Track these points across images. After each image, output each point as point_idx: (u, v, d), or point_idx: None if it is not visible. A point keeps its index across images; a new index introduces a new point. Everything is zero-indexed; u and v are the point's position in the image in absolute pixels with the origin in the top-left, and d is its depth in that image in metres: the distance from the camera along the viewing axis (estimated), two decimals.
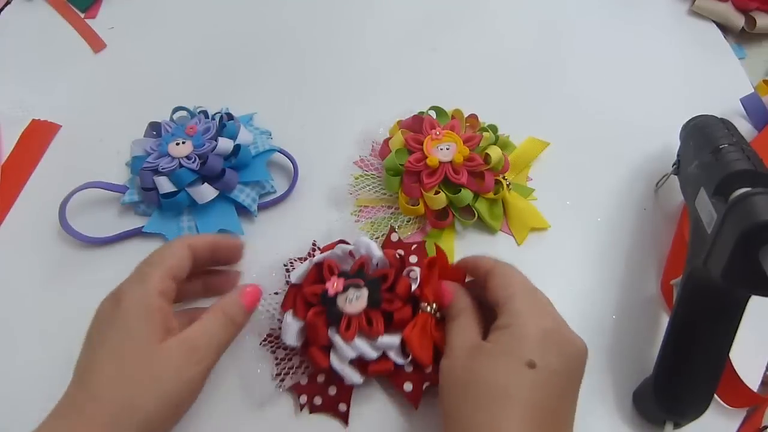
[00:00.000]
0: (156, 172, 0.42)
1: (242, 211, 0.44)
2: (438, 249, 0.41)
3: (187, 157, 0.42)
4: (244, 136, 0.44)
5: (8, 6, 0.59)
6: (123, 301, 0.31)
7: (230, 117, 0.46)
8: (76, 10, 0.58)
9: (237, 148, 0.43)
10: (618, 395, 0.37)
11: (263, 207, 0.44)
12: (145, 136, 0.46)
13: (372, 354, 0.34)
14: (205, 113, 0.46)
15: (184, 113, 0.47)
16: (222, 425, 0.36)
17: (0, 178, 0.47)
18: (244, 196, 0.43)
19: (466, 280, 0.39)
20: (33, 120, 0.49)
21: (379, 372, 0.35)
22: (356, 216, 0.44)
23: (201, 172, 0.42)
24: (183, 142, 0.43)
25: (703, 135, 0.37)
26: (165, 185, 0.42)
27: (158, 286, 0.32)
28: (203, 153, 0.42)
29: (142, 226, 0.43)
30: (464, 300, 0.35)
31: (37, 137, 0.49)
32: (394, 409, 0.36)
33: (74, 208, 0.43)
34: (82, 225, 0.43)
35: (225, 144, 0.43)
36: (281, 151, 0.46)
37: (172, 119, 0.46)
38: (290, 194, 0.45)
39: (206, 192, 0.41)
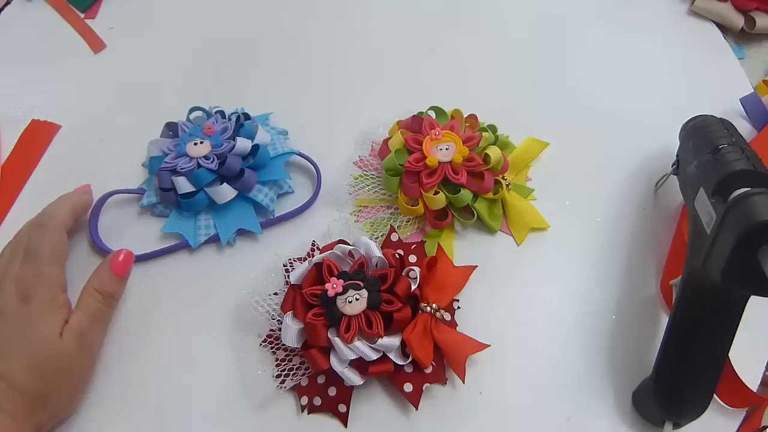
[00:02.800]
0: (174, 172, 0.42)
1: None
2: (439, 248, 0.41)
3: (206, 157, 0.42)
4: (262, 136, 0.44)
5: (8, 6, 0.59)
6: (33, 300, 0.35)
7: (247, 117, 0.46)
8: (76, 10, 0.58)
9: (255, 148, 0.43)
10: (617, 395, 0.37)
11: (289, 217, 0.44)
12: (161, 136, 0.46)
13: (372, 355, 0.34)
14: (221, 113, 0.46)
15: (199, 113, 0.47)
16: (223, 426, 0.36)
17: (0, 178, 0.47)
18: (263, 195, 0.43)
19: None
20: (33, 120, 0.49)
21: (379, 373, 0.35)
22: (356, 216, 0.44)
23: (220, 172, 0.42)
24: (201, 142, 0.43)
25: (702, 135, 0.37)
26: (183, 185, 0.41)
27: (61, 282, 0.37)
28: (222, 153, 0.42)
29: (173, 245, 0.42)
30: None
31: (37, 137, 0.49)
32: (394, 410, 0.36)
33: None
34: (102, 230, 0.43)
35: (243, 144, 0.43)
36: (300, 155, 0.46)
37: (188, 119, 0.46)
38: (314, 202, 0.44)
39: (225, 192, 0.41)
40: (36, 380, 0.33)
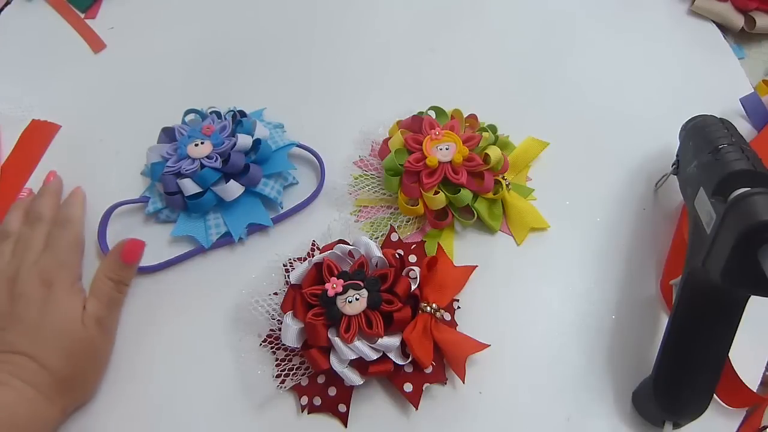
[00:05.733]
0: (178, 175, 0.42)
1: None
2: (439, 248, 0.41)
3: (208, 157, 0.42)
4: (261, 131, 0.44)
5: (8, 6, 0.59)
6: (55, 284, 0.36)
7: (243, 114, 0.46)
8: (76, 11, 0.58)
9: (257, 142, 0.43)
10: (617, 395, 0.37)
11: (299, 209, 0.44)
12: (158, 142, 0.46)
13: (372, 355, 0.34)
14: (217, 113, 0.46)
15: (193, 116, 0.47)
16: (223, 426, 0.36)
17: (0, 177, 0.47)
18: (269, 189, 0.43)
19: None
20: (33, 120, 0.49)
21: (379, 373, 0.35)
22: (356, 216, 0.44)
23: (224, 170, 0.42)
24: (202, 143, 0.43)
25: (702, 135, 0.37)
26: (190, 187, 0.41)
27: (79, 270, 0.39)
28: (224, 151, 0.42)
29: (186, 252, 0.42)
30: None
31: (37, 137, 0.49)
32: (394, 410, 0.36)
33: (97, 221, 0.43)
34: (109, 242, 0.42)
35: (244, 140, 0.43)
36: (300, 146, 0.46)
37: (184, 122, 0.46)
38: (320, 192, 0.45)
39: (233, 189, 0.42)
40: (64, 362, 0.34)
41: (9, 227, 0.41)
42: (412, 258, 0.39)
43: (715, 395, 0.35)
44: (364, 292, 0.35)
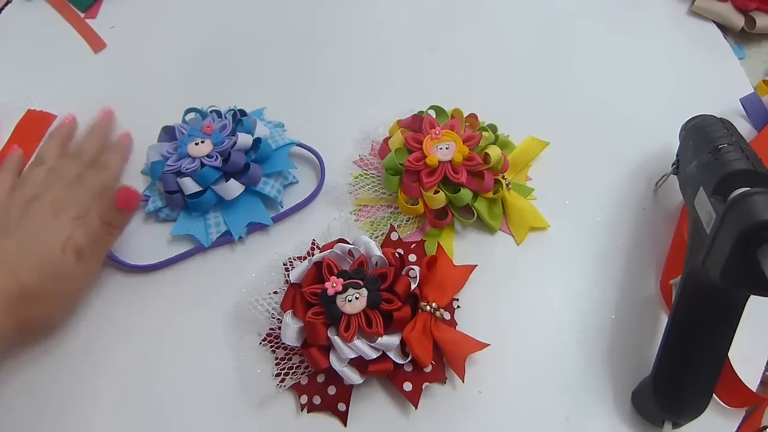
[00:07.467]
0: (179, 173, 0.42)
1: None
2: (439, 247, 0.41)
3: (208, 156, 0.42)
4: (261, 130, 0.44)
5: (8, 6, 0.59)
6: (61, 214, 0.38)
7: (243, 113, 0.46)
8: (76, 10, 0.58)
9: (257, 141, 0.43)
10: (617, 395, 0.37)
11: (298, 209, 0.44)
12: (159, 141, 0.46)
13: (371, 354, 0.34)
14: (217, 112, 0.46)
15: (194, 114, 0.47)
16: (222, 425, 0.36)
17: None
18: (269, 188, 0.43)
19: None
20: (29, 110, 0.50)
21: (378, 372, 0.35)
22: (356, 215, 0.44)
23: (225, 169, 0.42)
24: (202, 142, 0.43)
25: (702, 135, 0.37)
26: (190, 186, 0.42)
27: (95, 211, 0.39)
28: (224, 150, 0.42)
29: (186, 251, 0.42)
30: None
31: (34, 127, 0.49)
32: (394, 409, 0.36)
33: None
34: None
35: (244, 139, 0.43)
36: (301, 145, 0.46)
37: (184, 120, 0.46)
38: (320, 191, 0.45)
39: (233, 188, 0.42)
40: (36, 278, 0.35)
41: (45, 153, 0.43)
42: (412, 257, 0.39)
43: (714, 395, 0.35)
44: (364, 291, 0.35)
